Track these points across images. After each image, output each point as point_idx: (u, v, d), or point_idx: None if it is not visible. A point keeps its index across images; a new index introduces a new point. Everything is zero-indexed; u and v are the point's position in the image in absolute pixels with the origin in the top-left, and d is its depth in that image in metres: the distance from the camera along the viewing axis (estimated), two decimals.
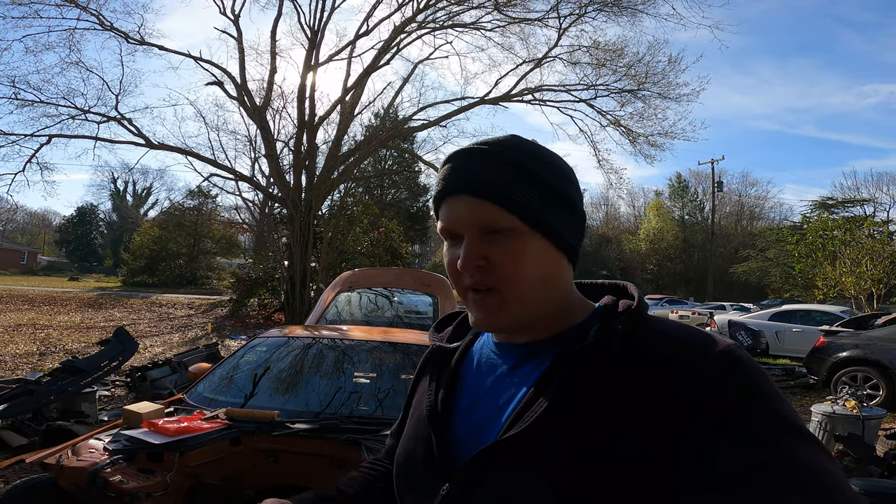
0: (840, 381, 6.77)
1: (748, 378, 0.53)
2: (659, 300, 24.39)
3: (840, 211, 22.82)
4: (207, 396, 2.74)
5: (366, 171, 19.52)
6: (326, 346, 3.22)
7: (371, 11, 14.33)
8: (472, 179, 0.61)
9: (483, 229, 0.60)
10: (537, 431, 0.56)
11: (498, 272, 0.60)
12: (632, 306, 0.61)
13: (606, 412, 0.55)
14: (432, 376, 0.74)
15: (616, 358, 0.57)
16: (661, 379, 0.54)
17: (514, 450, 0.57)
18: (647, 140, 15.36)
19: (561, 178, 0.63)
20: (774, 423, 0.50)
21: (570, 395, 0.57)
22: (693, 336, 0.58)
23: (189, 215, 30.61)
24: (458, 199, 0.62)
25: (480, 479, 0.59)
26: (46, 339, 9.95)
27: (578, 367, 0.57)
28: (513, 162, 0.61)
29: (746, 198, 44.19)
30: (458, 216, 0.62)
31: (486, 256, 0.60)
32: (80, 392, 4.39)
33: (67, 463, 2.04)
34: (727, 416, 0.50)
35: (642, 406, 0.53)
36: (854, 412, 3.97)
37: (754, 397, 0.51)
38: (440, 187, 0.64)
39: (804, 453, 0.48)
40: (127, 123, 13.19)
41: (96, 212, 50.45)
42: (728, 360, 0.54)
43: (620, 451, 0.52)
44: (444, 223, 0.63)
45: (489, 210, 0.60)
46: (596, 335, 0.58)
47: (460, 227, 0.62)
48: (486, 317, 0.62)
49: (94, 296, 20.15)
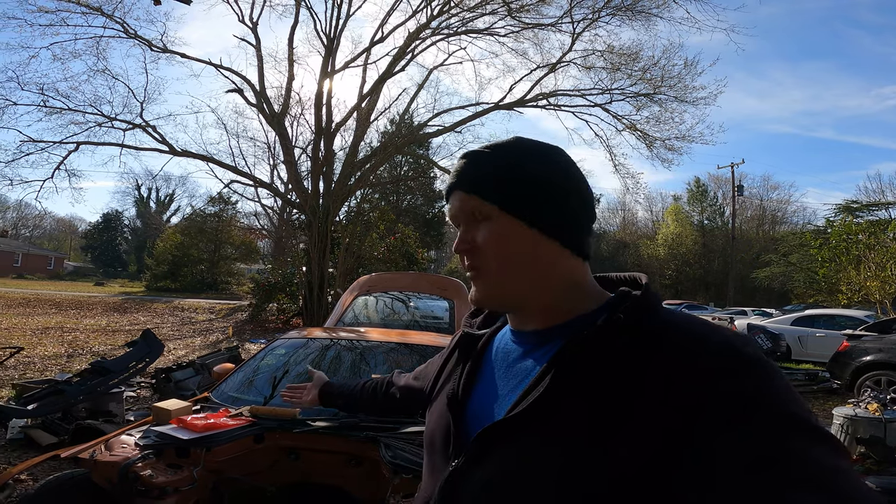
0: (864, 385, 6.63)
1: (755, 372, 0.52)
2: (678, 305, 24.00)
3: (864, 214, 22.21)
4: (232, 395, 2.82)
5: (382, 178, 19.69)
6: (344, 347, 3.28)
7: (385, 18, 14.51)
8: (463, 177, 0.71)
9: (469, 217, 0.71)
10: (537, 413, 0.59)
11: (481, 254, 0.69)
12: (637, 296, 0.63)
13: (608, 398, 0.56)
14: (459, 358, 0.81)
15: (622, 345, 0.58)
16: (666, 369, 0.54)
17: (516, 428, 0.60)
18: (664, 144, 15.23)
19: (547, 168, 0.69)
20: (782, 419, 0.49)
21: (571, 380, 0.59)
22: (700, 327, 0.58)
23: (210, 221, 31.19)
24: (455, 195, 0.72)
25: (484, 455, 0.63)
26: (74, 341, 10.23)
27: (584, 353, 0.59)
28: (497, 157, 0.70)
29: (768, 202, 43.32)
30: (453, 208, 0.73)
31: (472, 240, 0.70)
32: (108, 392, 4.52)
33: (101, 458, 2.10)
34: (732, 410, 0.49)
35: (646, 395, 0.54)
36: (876, 415, 3.91)
37: (761, 392, 0.51)
38: (445, 187, 0.75)
39: (814, 449, 0.47)
40: (151, 131, 13.50)
41: (121, 218, 51.76)
42: (733, 353, 0.54)
43: (620, 437, 0.53)
44: (449, 216, 0.75)
45: (471, 200, 0.70)
46: (602, 323, 0.61)
47: (457, 217, 0.72)
48: (476, 293, 0.71)
49: (120, 300, 20.64)
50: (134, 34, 13.38)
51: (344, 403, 1.25)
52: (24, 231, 53.37)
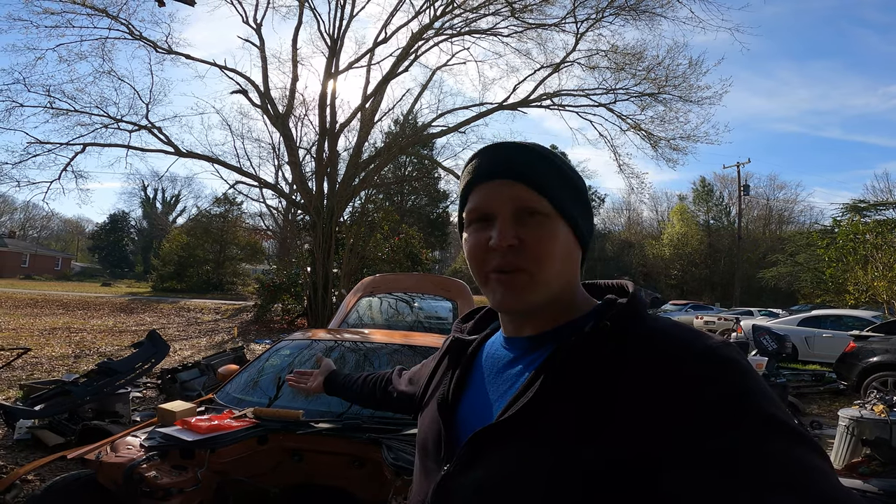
0: (870, 386, 6.59)
1: (736, 377, 0.53)
2: (683, 305, 23.86)
3: (872, 214, 22.01)
4: (236, 396, 2.84)
5: (386, 178, 19.74)
6: (349, 348, 3.30)
7: (389, 19, 14.57)
8: (509, 164, 0.66)
9: (519, 210, 0.65)
10: (527, 417, 0.60)
11: (529, 253, 0.64)
12: (623, 303, 0.65)
13: (596, 402, 0.57)
14: (450, 364, 0.81)
15: (609, 351, 0.60)
16: (652, 375, 0.55)
17: (506, 432, 0.62)
18: (669, 144, 15.20)
19: (578, 175, 0.71)
20: (762, 422, 0.50)
21: (560, 384, 0.60)
22: (685, 334, 0.59)
23: (215, 222, 31.35)
24: (494, 183, 0.66)
25: (475, 459, 0.64)
26: (81, 342, 10.30)
27: (573, 359, 0.61)
28: (541, 154, 0.68)
29: (775, 201, 43.13)
30: (494, 197, 0.66)
31: (520, 237, 0.64)
32: (114, 393, 4.55)
33: (106, 459, 2.13)
34: (717, 416, 0.51)
35: (632, 400, 0.55)
36: (882, 416, 3.88)
37: (742, 396, 0.52)
38: (473, 174, 0.69)
39: (793, 451, 0.48)
40: (157, 132, 13.62)
41: (127, 219, 52.14)
42: (716, 359, 0.55)
43: (607, 440, 0.54)
44: (477, 204, 0.67)
45: (525, 192, 0.65)
46: (590, 329, 0.62)
47: (496, 206, 0.65)
48: (512, 295, 0.65)
49: (126, 301, 20.77)
50: (139, 35, 13.49)
51: (346, 394, 1.28)
52: (32, 232, 53.88)
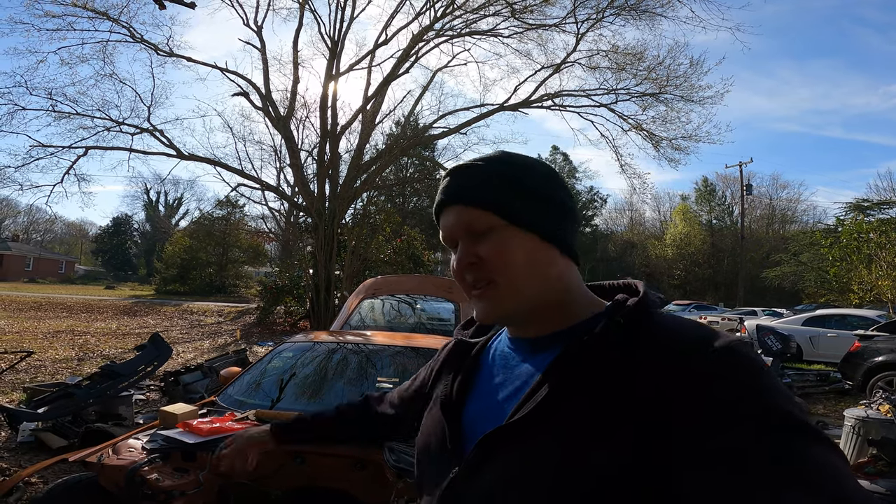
0: (876, 385, 6.56)
1: (747, 374, 0.53)
2: (687, 305, 23.83)
3: (875, 213, 21.93)
4: (238, 399, 2.84)
5: (388, 180, 19.73)
6: (350, 351, 3.29)
7: (389, 21, 14.57)
8: (457, 190, 0.70)
9: (469, 231, 0.68)
10: (539, 417, 0.60)
11: (490, 265, 0.67)
12: (635, 302, 0.64)
13: (605, 402, 0.57)
14: (453, 366, 0.80)
15: (620, 350, 0.59)
16: (664, 373, 0.55)
17: (517, 434, 0.61)
18: (671, 144, 15.16)
19: (535, 177, 0.70)
20: (774, 419, 0.50)
21: (572, 384, 0.60)
22: (697, 331, 0.59)
23: (218, 225, 31.41)
24: (450, 210, 0.70)
25: (485, 461, 0.63)
26: (84, 345, 10.33)
27: (583, 359, 0.61)
28: (486, 170, 0.69)
29: (778, 201, 42.91)
30: (450, 224, 0.70)
31: (477, 254, 0.67)
32: (117, 395, 4.56)
33: (108, 462, 2.12)
34: (730, 413, 0.50)
35: (644, 398, 0.55)
36: (888, 416, 3.86)
37: (754, 393, 0.52)
38: (434, 206, 0.73)
39: (807, 448, 0.48)
40: (159, 135, 13.65)
41: (130, 222, 52.25)
42: (727, 356, 0.55)
43: (616, 441, 0.54)
44: (442, 234, 0.72)
45: (472, 214, 0.68)
46: (601, 328, 0.62)
47: (454, 232, 0.70)
48: (486, 306, 0.68)
49: (130, 303, 20.83)
50: (140, 38, 13.51)
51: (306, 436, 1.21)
52: (36, 235, 54.03)
